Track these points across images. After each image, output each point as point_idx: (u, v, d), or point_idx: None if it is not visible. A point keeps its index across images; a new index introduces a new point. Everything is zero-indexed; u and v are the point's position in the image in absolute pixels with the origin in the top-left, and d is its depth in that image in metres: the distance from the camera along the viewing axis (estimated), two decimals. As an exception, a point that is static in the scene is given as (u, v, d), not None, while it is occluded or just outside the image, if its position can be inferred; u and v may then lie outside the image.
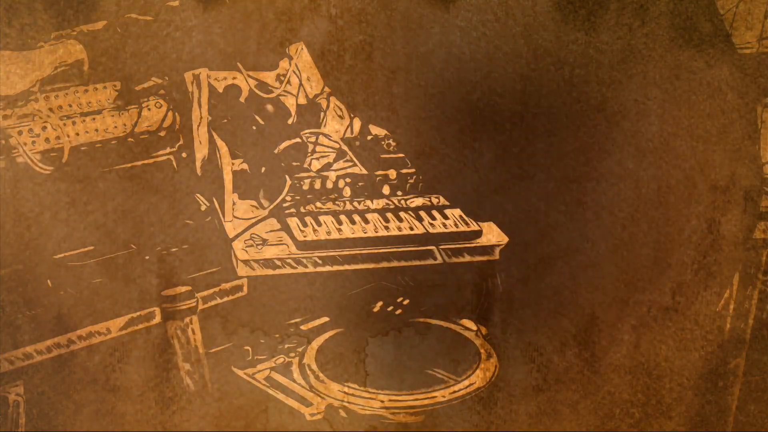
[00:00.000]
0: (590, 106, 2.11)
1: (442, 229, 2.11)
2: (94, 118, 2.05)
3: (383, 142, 2.17)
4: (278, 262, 2.07)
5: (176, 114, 2.09)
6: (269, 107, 2.14)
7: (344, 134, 2.20)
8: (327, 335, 2.22)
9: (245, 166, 2.13)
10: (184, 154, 2.11)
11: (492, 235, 2.14)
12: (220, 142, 2.07)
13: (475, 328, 2.24)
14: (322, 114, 2.18)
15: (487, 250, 2.13)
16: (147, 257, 2.08)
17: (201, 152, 2.10)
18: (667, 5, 2.09)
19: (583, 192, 2.15)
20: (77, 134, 2.03)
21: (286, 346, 2.20)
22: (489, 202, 2.18)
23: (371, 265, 2.11)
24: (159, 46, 1.99)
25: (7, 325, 2.04)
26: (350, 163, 2.19)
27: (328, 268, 2.10)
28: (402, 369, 2.21)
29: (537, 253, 2.17)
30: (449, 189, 2.18)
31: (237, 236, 2.09)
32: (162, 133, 2.09)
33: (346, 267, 2.10)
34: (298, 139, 2.15)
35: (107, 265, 2.05)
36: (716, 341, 2.23)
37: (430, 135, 2.15)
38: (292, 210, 2.14)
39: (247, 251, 2.06)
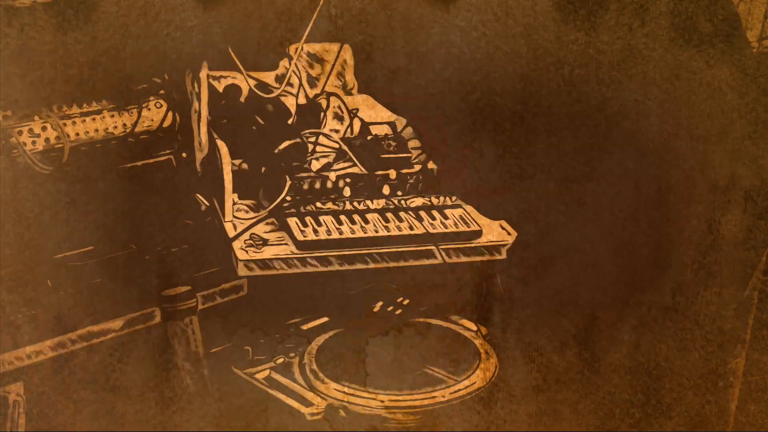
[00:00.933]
0: (590, 106, 2.11)
1: (442, 229, 2.11)
2: (94, 118, 2.04)
3: (383, 142, 2.17)
4: (278, 262, 2.07)
5: (176, 114, 2.08)
6: (269, 107, 2.14)
7: (344, 134, 2.20)
8: (327, 335, 2.22)
9: (245, 166, 2.12)
10: (184, 154, 2.10)
11: (492, 234, 2.13)
12: (220, 142, 2.07)
13: (475, 328, 2.23)
14: (322, 114, 2.18)
15: (487, 249, 2.13)
16: (147, 257, 2.08)
17: (201, 152, 2.10)
18: (667, 5, 2.09)
19: (583, 192, 2.15)
20: (77, 134, 2.03)
21: (286, 346, 2.20)
22: (489, 202, 2.18)
23: (371, 265, 2.11)
24: (159, 46, 1.99)
25: (7, 325, 2.04)
26: (350, 163, 2.19)
27: (328, 268, 2.10)
28: (402, 369, 2.21)
29: (537, 253, 2.17)
30: (449, 189, 2.18)
31: (237, 236, 2.09)
32: (162, 133, 2.09)
33: (346, 267, 2.10)
34: (298, 139, 2.15)
35: (107, 265, 2.05)
36: (716, 341, 2.23)
37: (430, 135, 2.15)
38: (292, 210, 2.13)
39: (247, 251, 2.06)
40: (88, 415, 2.12)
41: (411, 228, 2.11)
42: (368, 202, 2.16)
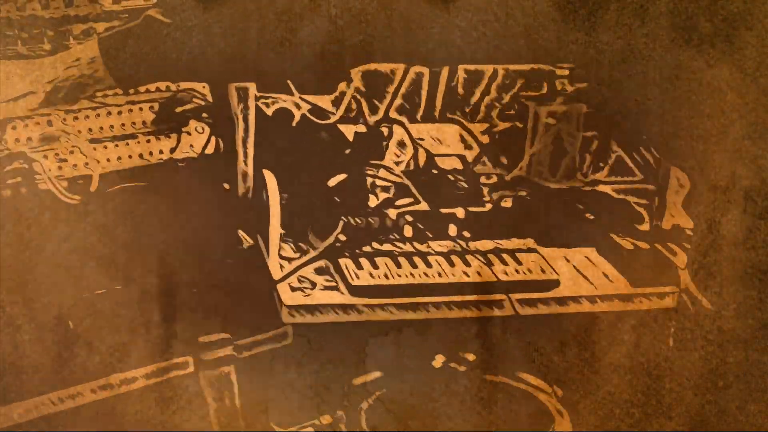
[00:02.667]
0: (590, 106, 2.11)
1: (514, 276, 1.90)
2: (127, 143, 1.85)
3: (451, 177, 1.94)
4: (329, 309, 1.87)
5: (219, 140, 1.89)
6: (323, 135, 1.93)
7: (407, 167, 1.99)
8: (380, 393, 2.00)
9: (295, 199, 1.92)
10: (226, 186, 1.91)
11: (572, 282, 1.90)
12: (267, 173, 1.88)
13: (549, 389, 2.06)
14: (383, 143, 1.96)
15: (565, 301, 1.91)
16: (147, 257, 2.07)
17: (246, 184, 1.90)
18: (667, 5, 2.09)
19: (583, 192, 2.15)
20: (108, 160, 1.82)
21: (334, 401, 2.04)
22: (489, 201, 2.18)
23: (433, 315, 1.90)
24: (159, 46, 1.98)
25: (7, 325, 2.04)
26: (412, 200, 1.97)
27: (384, 317, 1.90)
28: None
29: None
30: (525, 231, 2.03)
31: (283, 278, 1.89)
32: (203, 161, 1.90)
33: (405, 316, 1.90)
34: (355, 172, 1.95)
35: (107, 265, 2.05)
36: (716, 341, 2.23)
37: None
38: (346, 251, 1.93)
39: (293, 295, 1.87)
40: (88, 415, 2.12)
41: (479, 274, 1.90)
42: (432, 244, 1.95)
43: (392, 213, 1.95)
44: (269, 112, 1.90)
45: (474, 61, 2.08)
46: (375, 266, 1.91)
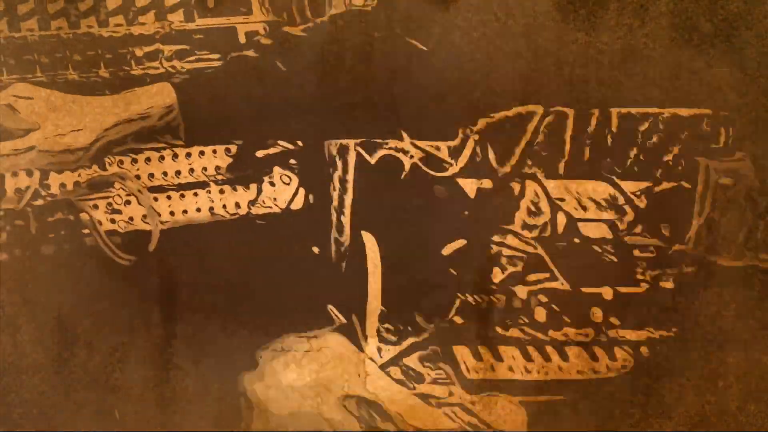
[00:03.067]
0: (590, 106, 2.11)
1: None
2: (196, 193, 1.56)
3: (596, 247, 1.61)
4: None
5: (309, 193, 1.60)
6: (439, 190, 1.64)
7: (542, 233, 1.67)
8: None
9: (400, 269, 1.61)
10: (315, 250, 1.61)
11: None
12: (367, 236, 1.60)
13: None
14: (513, 203, 1.65)
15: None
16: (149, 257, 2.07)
17: (340, 248, 1.58)
18: (667, 5, 2.09)
19: (582, 192, 2.14)
20: (172, 214, 1.53)
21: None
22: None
23: (573, 426, 1.51)
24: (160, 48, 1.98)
25: (8, 325, 2.04)
26: (548, 275, 1.68)
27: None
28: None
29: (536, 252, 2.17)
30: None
31: (381, 367, 1.62)
32: (289, 219, 1.60)
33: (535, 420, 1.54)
34: (476, 238, 1.63)
35: (107, 265, 2.05)
36: (716, 341, 2.23)
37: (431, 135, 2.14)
38: (462, 336, 1.63)
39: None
40: (88, 415, 2.12)
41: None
42: (570, 331, 1.66)
43: (521, 291, 1.66)
44: (372, 160, 1.63)
45: (474, 61, 2.08)
46: (498, 357, 1.64)
